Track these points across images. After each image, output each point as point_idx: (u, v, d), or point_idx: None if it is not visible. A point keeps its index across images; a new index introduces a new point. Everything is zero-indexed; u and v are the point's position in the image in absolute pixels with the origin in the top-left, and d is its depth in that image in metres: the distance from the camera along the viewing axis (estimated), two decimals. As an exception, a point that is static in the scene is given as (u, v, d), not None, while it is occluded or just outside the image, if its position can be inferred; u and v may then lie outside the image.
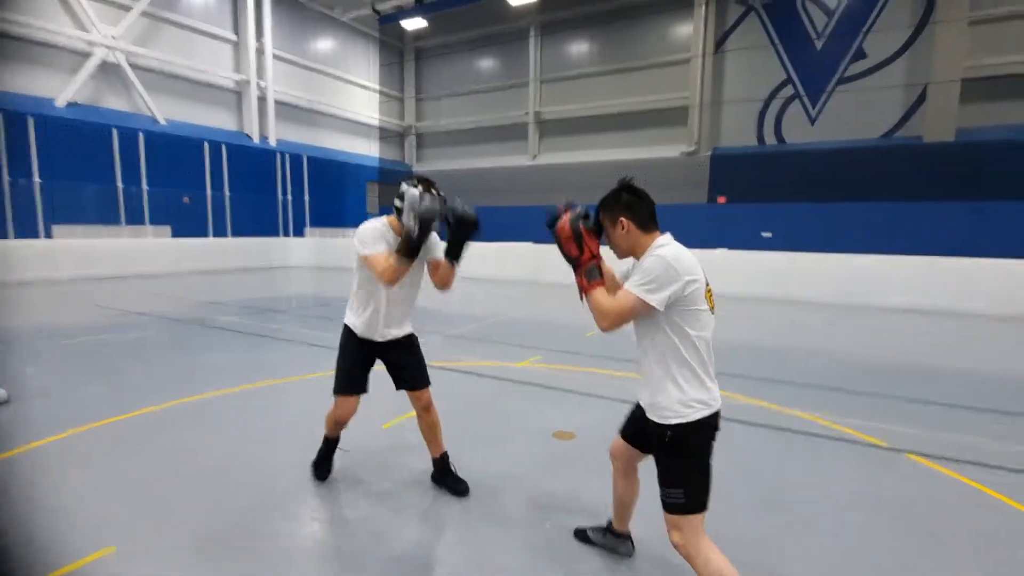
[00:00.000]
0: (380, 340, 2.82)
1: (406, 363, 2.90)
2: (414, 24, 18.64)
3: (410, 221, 2.46)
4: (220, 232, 16.05)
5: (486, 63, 20.81)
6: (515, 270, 13.99)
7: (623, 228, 1.91)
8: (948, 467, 3.20)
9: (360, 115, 21.08)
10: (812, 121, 15.02)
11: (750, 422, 3.97)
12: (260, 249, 16.66)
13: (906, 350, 6.93)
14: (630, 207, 1.92)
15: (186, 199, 15.20)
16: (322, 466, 3.07)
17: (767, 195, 14.07)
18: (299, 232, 18.62)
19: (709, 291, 1.85)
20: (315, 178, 18.73)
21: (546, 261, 13.99)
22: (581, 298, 1.92)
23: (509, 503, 2.85)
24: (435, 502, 2.87)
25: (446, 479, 2.99)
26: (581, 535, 2.47)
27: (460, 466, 3.07)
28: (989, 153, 11.97)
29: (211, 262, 15.00)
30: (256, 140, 17.34)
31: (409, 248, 2.47)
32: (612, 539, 2.37)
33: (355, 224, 20.50)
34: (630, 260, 2.01)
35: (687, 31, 16.47)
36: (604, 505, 2.53)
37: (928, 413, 4.26)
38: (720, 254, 11.30)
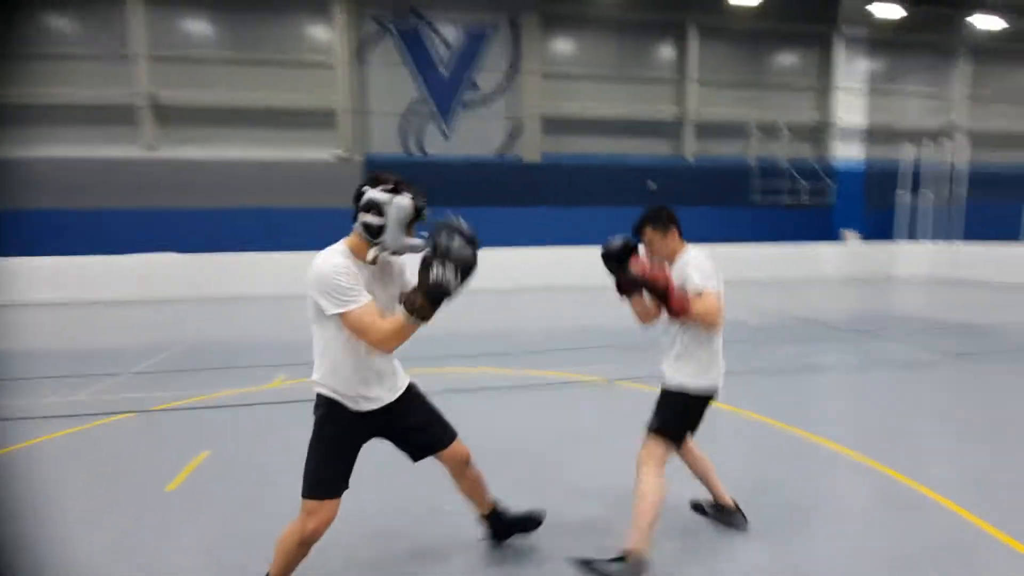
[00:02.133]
0: (378, 407, 2.07)
1: (423, 420, 2.20)
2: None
3: (440, 272, 1.77)
4: None
5: (62, 21, 15.98)
6: (153, 287, 11.73)
7: (674, 238, 2.37)
8: (643, 383, 4.96)
9: None
10: (446, 136, 17.59)
11: (507, 387, 5.01)
12: None
13: (556, 317, 9.41)
14: (676, 221, 2.38)
15: None
16: None
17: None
18: None
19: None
20: None
21: (197, 273, 12.27)
22: (675, 315, 2.20)
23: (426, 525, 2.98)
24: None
25: (514, 525, 2.46)
26: (698, 508, 2.73)
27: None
28: (564, 173, 16.83)
29: None
30: None
31: (435, 309, 1.82)
32: (722, 514, 2.65)
33: None
34: None
35: (328, 36, 16.70)
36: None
37: (607, 354, 6.20)
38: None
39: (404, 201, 1.88)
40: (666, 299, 2.16)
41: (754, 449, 3.67)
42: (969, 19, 17.91)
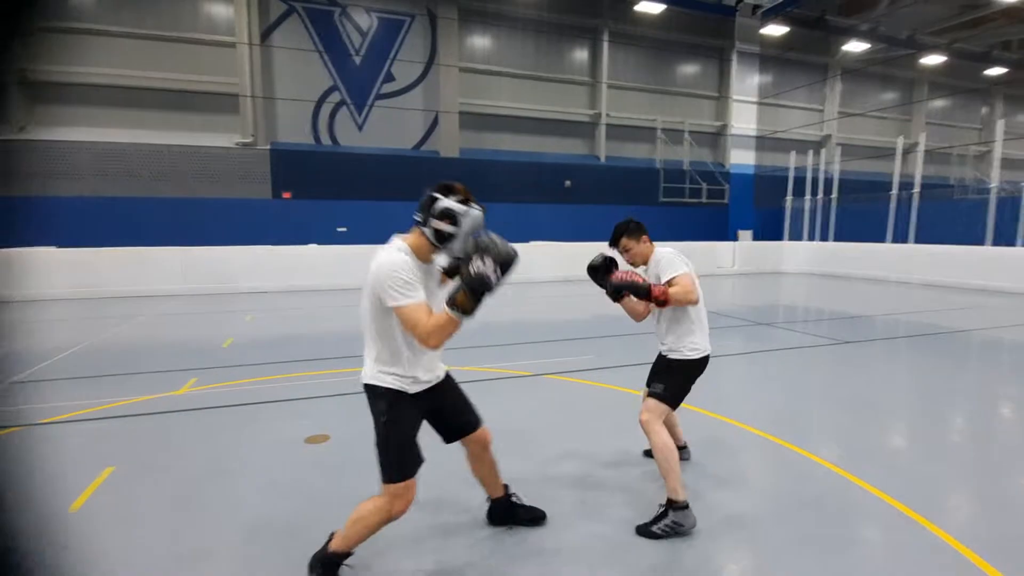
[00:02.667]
0: (429, 387, 2.25)
1: (458, 405, 2.41)
2: None
3: (480, 265, 1.90)
4: None
5: None
6: (29, 285, 10.43)
7: (645, 242, 2.88)
8: (569, 376, 5.16)
9: None
10: (360, 127, 17.02)
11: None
12: None
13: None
14: (644, 228, 2.91)
15: None
16: None
17: (331, 192, 15.29)
18: None
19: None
20: None
21: (81, 269, 11.07)
22: (662, 304, 2.69)
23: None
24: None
25: (518, 514, 2.66)
26: (649, 453, 3.29)
27: (254, 516, 2.85)
28: (482, 168, 16.89)
29: None
30: None
31: (478, 304, 1.94)
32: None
33: None
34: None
35: (230, 13, 15.55)
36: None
37: (534, 350, 6.37)
38: (312, 249, 11.81)
39: (477, 213, 2.05)
40: (648, 295, 2.64)
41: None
42: (840, 43, 20.17)
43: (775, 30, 18.58)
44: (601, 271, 2.86)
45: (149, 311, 9.56)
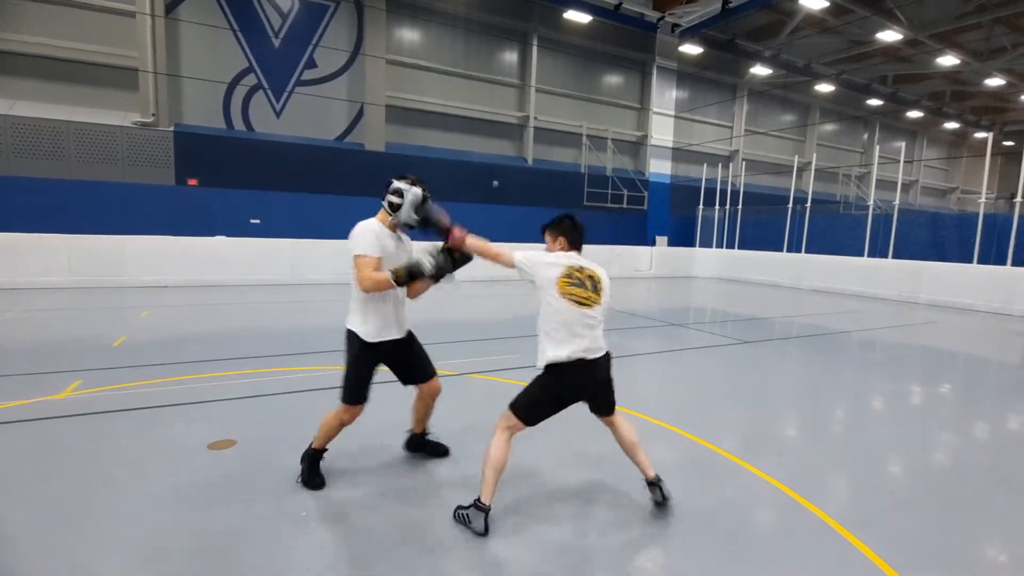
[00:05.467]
0: (394, 339, 2.95)
1: (417, 356, 3.14)
2: None
3: (424, 262, 2.75)
4: None
5: None
6: None
7: (550, 242, 2.85)
8: (491, 375, 5.16)
9: None
10: (278, 114, 16.13)
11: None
12: None
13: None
14: (565, 231, 2.82)
15: None
16: (318, 476, 3.02)
17: (244, 181, 14.38)
18: None
19: (564, 281, 2.64)
20: None
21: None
22: (454, 245, 2.78)
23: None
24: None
25: (426, 446, 3.45)
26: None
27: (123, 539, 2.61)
28: (409, 164, 16.54)
29: None
30: None
31: (410, 279, 2.75)
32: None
33: None
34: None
35: (128, -21, 14.18)
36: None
37: (459, 349, 6.31)
38: (219, 241, 11.03)
39: (417, 190, 2.85)
40: (447, 236, 2.77)
41: (580, 422, 4.07)
42: (747, 66, 21.75)
43: (691, 49, 19.70)
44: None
45: (26, 306, 8.52)
